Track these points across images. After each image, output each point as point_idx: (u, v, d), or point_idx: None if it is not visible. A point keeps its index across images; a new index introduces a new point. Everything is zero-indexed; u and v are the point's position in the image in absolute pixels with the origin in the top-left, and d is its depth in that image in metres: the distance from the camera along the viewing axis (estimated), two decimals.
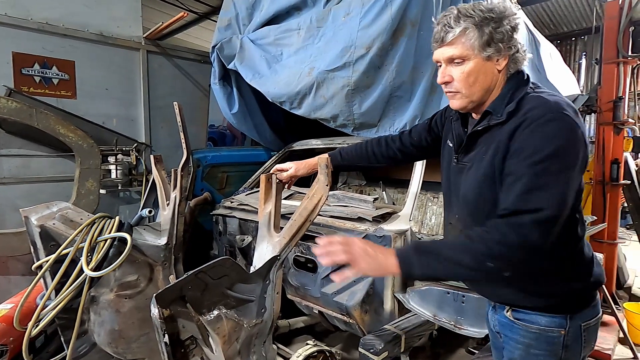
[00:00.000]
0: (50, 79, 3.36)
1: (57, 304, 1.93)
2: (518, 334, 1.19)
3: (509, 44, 1.10)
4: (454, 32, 1.09)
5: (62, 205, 2.20)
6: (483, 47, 1.08)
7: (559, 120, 1.02)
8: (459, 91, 1.15)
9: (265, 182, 1.81)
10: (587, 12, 7.78)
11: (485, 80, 1.12)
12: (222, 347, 1.39)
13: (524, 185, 1.00)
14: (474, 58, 1.10)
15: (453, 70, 1.13)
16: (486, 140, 1.15)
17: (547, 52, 3.91)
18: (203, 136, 4.57)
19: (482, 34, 1.08)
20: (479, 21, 1.08)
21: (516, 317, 1.19)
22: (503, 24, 1.08)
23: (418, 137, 1.57)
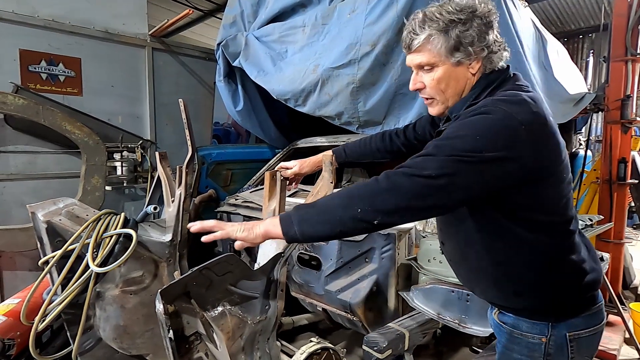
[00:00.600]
0: (57, 76, 3.37)
1: (63, 299, 1.95)
2: (503, 337, 1.17)
3: (480, 45, 1.04)
4: (419, 39, 1.06)
5: (68, 202, 2.22)
6: (451, 53, 1.04)
7: (488, 113, 0.97)
8: (433, 97, 1.13)
9: (269, 179, 1.81)
10: (595, 10, 7.70)
11: (457, 86, 1.09)
12: (226, 343, 1.39)
13: (419, 154, 0.99)
14: (442, 64, 1.06)
15: (424, 76, 1.11)
16: None
17: (554, 50, 3.87)
18: (208, 133, 4.58)
19: (447, 38, 1.03)
20: (444, 26, 1.03)
21: (501, 320, 1.18)
22: (473, 25, 1.03)
23: (422, 131, 1.56)
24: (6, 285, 3.19)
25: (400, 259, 2.25)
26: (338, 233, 1.02)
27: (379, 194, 0.97)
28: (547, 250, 1.07)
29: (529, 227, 1.04)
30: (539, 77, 3.33)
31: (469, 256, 1.18)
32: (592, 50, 8.68)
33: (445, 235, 1.29)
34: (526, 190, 1.00)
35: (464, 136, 0.96)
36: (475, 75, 1.09)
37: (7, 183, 3.19)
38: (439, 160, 0.95)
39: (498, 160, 0.94)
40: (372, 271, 2.28)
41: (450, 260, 1.31)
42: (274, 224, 1.07)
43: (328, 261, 2.38)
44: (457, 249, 1.24)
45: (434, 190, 0.95)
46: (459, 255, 1.24)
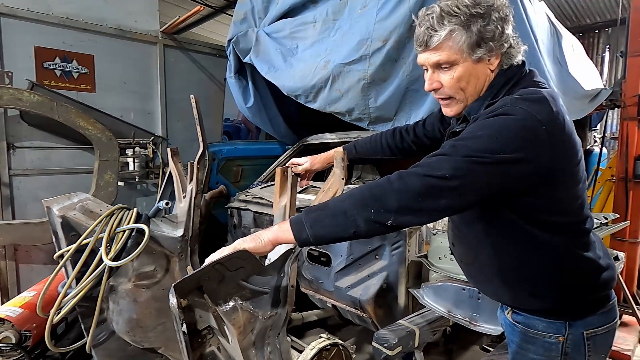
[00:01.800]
0: (71, 73, 3.42)
1: (77, 293, 1.99)
2: (517, 337, 1.16)
3: (501, 40, 1.01)
4: (439, 36, 0.99)
5: (82, 197, 2.25)
6: (472, 49, 0.99)
7: (507, 114, 0.94)
8: (452, 97, 1.08)
9: (280, 175, 1.81)
10: (611, 4, 7.52)
11: (477, 83, 1.05)
12: (237, 338, 1.40)
13: (434, 154, 0.98)
14: (463, 62, 1.01)
15: (442, 75, 1.05)
16: None
17: (569, 45, 3.80)
18: (218, 130, 4.61)
19: (470, 34, 0.98)
20: (466, 20, 0.97)
21: (515, 320, 1.16)
22: (492, 18, 0.98)
23: (431, 128, 1.54)
24: (22, 278, 3.26)
25: (410, 256, 2.24)
26: (352, 235, 1.00)
27: (392, 194, 0.95)
28: (563, 250, 1.05)
29: (545, 228, 1.03)
30: (554, 72, 3.27)
31: (482, 258, 1.16)
32: (609, 45, 8.49)
33: (456, 237, 1.27)
34: (542, 191, 0.98)
35: (481, 136, 0.94)
36: (494, 72, 1.06)
37: (22, 178, 3.25)
38: (454, 160, 0.93)
39: (515, 161, 0.92)
40: (382, 268, 2.27)
41: (460, 261, 1.29)
42: (284, 229, 1.05)
43: (338, 257, 2.38)
44: (468, 251, 1.22)
45: (447, 191, 0.93)
46: (471, 256, 1.22)
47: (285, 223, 1.06)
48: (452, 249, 1.33)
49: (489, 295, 1.26)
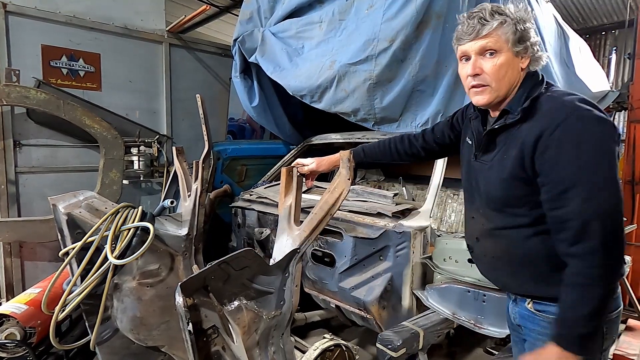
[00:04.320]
0: (77, 71, 3.44)
1: (82, 290, 1.99)
2: (540, 326, 1.20)
3: (535, 44, 1.15)
4: (491, 25, 1.11)
5: (87, 194, 2.26)
6: (515, 43, 1.11)
7: (582, 118, 1.04)
8: (488, 84, 1.14)
9: (286, 175, 1.81)
10: (618, 5, 7.47)
11: (512, 76, 1.14)
12: (242, 338, 1.40)
13: (581, 191, 1.02)
14: (506, 52, 1.12)
15: (484, 62, 1.13)
16: (505, 140, 1.17)
17: (576, 47, 3.78)
18: (223, 129, 4.62)
19: (516, 30, 1.11)
20: (514, 19, 1.11)
21: (537, 309, 1.20)
22: (529, 25, 1.13)
23: (441, 134, 1.58)
24: (27, 275, 3.28)
25: (415, 257, 2.23)
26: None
27: (613, 265, 1.04)
28: None
29: None
30: (561, 74, 3.26)
31: (518, 250, 1.20)
32: (615, 47, 8.42)
33: (484, 231, 1.28)
34: None
35: (593, 151, 1.03)
36: (523, 71, 1.16)
37: (29, 175, 3.27)
38: (606, 190, 1.02)
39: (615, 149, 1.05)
40: (387, 269, 2.27)
41: (484, 255, 1.31)
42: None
43: (342, 258, 2.37)
44: (501, 243, 1.24)
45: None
46: (503, 248, 1.24)
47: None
48: (475, 244, 1.34)
49: (512, 288, 1.28)
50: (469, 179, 1.33)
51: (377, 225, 2.27)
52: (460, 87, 2.56)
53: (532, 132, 1.08)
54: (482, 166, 1.24)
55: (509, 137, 1.15)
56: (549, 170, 1.06)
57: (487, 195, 1.23)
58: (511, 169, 1.13)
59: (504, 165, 1.15)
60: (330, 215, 1.71)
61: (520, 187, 1.13)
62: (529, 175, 1.11)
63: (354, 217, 2.39)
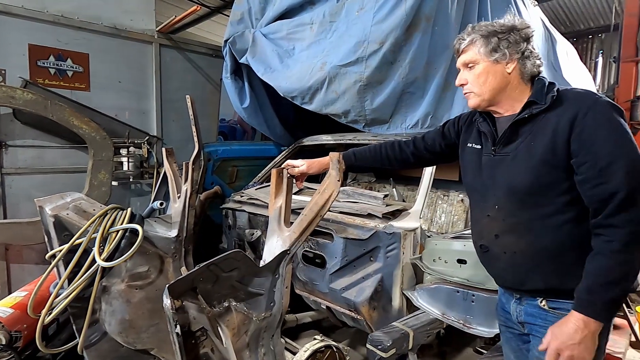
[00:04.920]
0: (65, 71, 3.39)
1: (69, 293, 1.97)
2: (553, 323, 1.21)
3: (515, 49, 1.25)
4: (465, 42, 1.31)
5: (75, 196, 2.24)
6: (490, 53, 1.26)
7: (609, 104, 1.16)
8: (471, 91, 1.32)
9: (276, 177, 1.80)
10: (605, 9, 7.61)
11: (494, 81, 1.27)
12: (231, 340, 1.40)
13: (624, 164, 1.09)
14: (483, 62, 1.28)
15: (467, 74, 1.33)
16: (530, 129, 1.23)
17: (563, 50, 3.84)
18: (214, 130, 4.59)
19: (488, 42, 1.27)
20: (486, 34, 1.27)
21: (551, 307, 1.24)
22: (510, 34, 1.25)
23: (432, 142, 1.64)
24: (13, 278, 3.22)
25: (405, 258, 2.24)
26: None
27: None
28: None
29: None
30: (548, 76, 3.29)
31: (543, 242, 1.22)
32: (602, 50, 8.58)
33: (506, 227, 1.29)
34: None
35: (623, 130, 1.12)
36: (512, 75, 1.27)
37: (15, 177, 3.22)
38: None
39: None
40: (377, 270, 2.28)
41: (505, 253, 1.31)
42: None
43: (333, 259, 2.38)
44: (525, 237, 1.26)
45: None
46: (527, 242, 1.26)
47: (591, 323, 1.10)
48: (493, 242, 1.33)
49: (530, 284, 1.29)
50: (481, 178, 1.36)
51: (367, 226, 2.28)
52: (449, 89, 2.59)
53: (565, 116, 1.16)
54: (503, 159, 1.28)
55: (534, 125, 1.22)
56: (588, 149, 1.12)
57: (509, 187, 1.25)
58: (542, 154, 1.18)
59: (532, 152, 1.20)
60: (320, 217, 1.72)
61: (549, 173, 1.18)
62: (559, 159, 1.16)
63: (344, 218, 2.40)
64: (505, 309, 1.41)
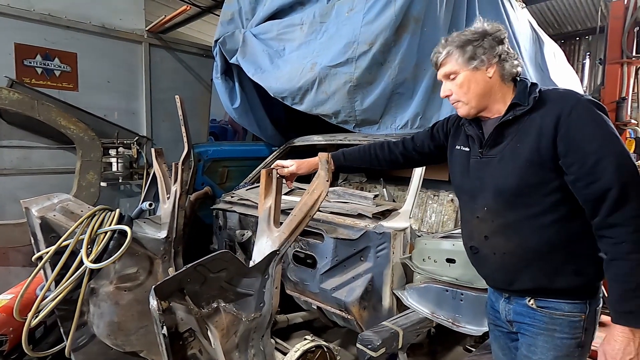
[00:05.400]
0: (52, 71, 3.35)
1: (56, 295, 1.94)
2: (541, 322, 1.26)
3: (492, 53, 1.26)
4: (442, 55, 1.32)
5: (62, 197, 2.21)
6: (467, 62, 1.27)
7: (591, 103, 1.17)
8: (459, 100, 1.32)
9: (265, 177, 1.81)
10: (591, 12, 7.73)
11: (477, 87, 1.28)
12: (220, 341, 1.39)
13: (612, 160, 1.10)
14: (462, 71, 1.29)
15: (450, 85, 1.33)
16: (516, 131, 1.25)
17: (550, 52, 3.89)
18: (204, 130, 4.57)
19: (464, 52, 1.27)
20: (460, 44, 1.28)
21: (539, 306, 1.26)
22: (484, 41, 1.26)
23: (421, 143, 1.67)
24: None
25: (395, 258, 2.25)
26: None
27: None
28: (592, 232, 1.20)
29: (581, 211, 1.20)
30: (535, 78, 3.35)
31: (532, 242, 1.24)
32: (589, 52, 8.72)
33: (495, 228, 1.30)
34: None
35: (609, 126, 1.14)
36: (494, 79, 1.28)
37: (1, 178, 3.17)
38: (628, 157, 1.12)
39: None
40: (367, 270, 2.29)
41: (494, 254, 1.32)
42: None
43: (323, 259, 2.38)
44: (514, 238, 1.27)
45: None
46: (516, 243, 1.27)
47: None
48: (482, 243, 1.35)
49: (517, 284, 1.30)
50: (470, 180, 1.37)
51: (357, 226, 2.29)
52: (437, 90, 2.61)
53: (549, 117, 1.18)
54: (490, 161, 1.30)
55: (519, 127, 1.24)
56: (576, 149, 1.13)
57: (497, 188, 1.27)
58: (527, 155, 1.20)
59: (517, 154, 1.22)
60: (309, 217, 1.72)
61: (535, 174, 1.19)
62: (544, 160, 1.17)
63: (334, 219, 2.41)
64: (494, 307, 1.43)
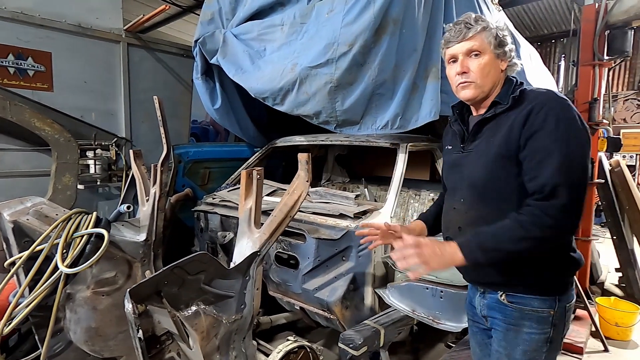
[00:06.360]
0: (26, 71, 3.25)
1: (30, 302, 1.89)
2: (511, 317, 1.29)
3: (511, 50, 1.30)
4: (475, 29, 1.26)
5: (36, 201, 2.15)
6: (496, 47, 1.27)
7: (563, 104, 1.19)
8: (473, 81, 1.29)
9: (246, 178, 1.80)
10: (566, 15, 7.97)
11: (494, 75, 1.28)
12: (200, 343, 1.38)
13: (554, 161, 1.13)
14: (489, 53, 1.27)
15: (471, 62, 1.28)
16: (492, 128, 1.28)
17: (526, 54, 3.99)
18: (186, 131, 4.51)
19: (496, 35, 1.27)
20: (494, 27, 1.28)
21: (510, 301, 1.29)
22: (506, 34, 1.29)
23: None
24: None
25: (376, 257, 2.28)
26: None
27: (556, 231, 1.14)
28: None
29: None
30: None
31: None
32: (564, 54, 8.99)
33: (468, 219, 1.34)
34: None
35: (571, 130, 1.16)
36: (502, 73, 1.31)
37: None
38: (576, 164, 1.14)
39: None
40: (349, 269, 2.30)
41: None
42: None
43: (305, 260, 2.39)
44: None
45: None
46: None
47: (458, 252, 1.18)
48: (456, 234, 1.37)
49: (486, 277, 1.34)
50: (452, 174, 1.42)
51: (339, 226, 2.31)
52: (416, 91, 2.65)
53: (522, 114, 1.21)
54: (468, 155, 1.34)
55: (496, 124, 1.27)
56: (531, 143, 1.17)
57: (471, 180, 1.31)
58: (497, 148, 1.23)
59: (489, 147, 1.26)
60: (290, 217, 1.72)
61: (503, 167, 1.23)
62: (511, 154, 1.21)
63: (316, 219, 2.41)
64: (472, 303, 1.46)
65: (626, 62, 8.28)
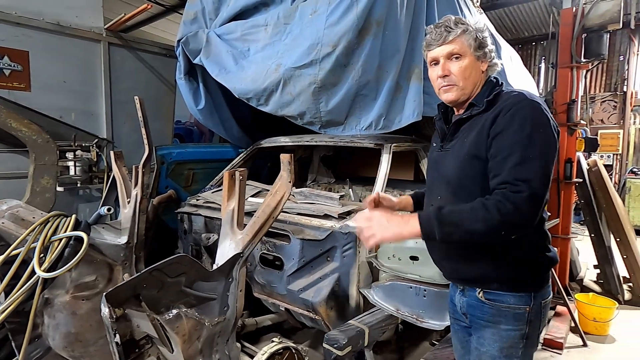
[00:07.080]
0: (1, 70, 3.16)
1: (5, 308, 1.84)
2: (488, 313, 1.31)
3: (491, 51, 1.32)
4: (455, 32, 1.28)
5: (12, 204, 2.10)
6: (476, 49, 1.29)
7: (531, 106, 1.21)
8: (455, 84, 1.32)
9: (228, 179, 1.79)
10: (546, 19, 8.17)
11: (475, 76, 1.31)
12: (181, 347, 1.36)
13: (516, 159, 1.15)
14: (469, 56, 1.29)
15: (452, 65, 1.31)
16: (467, 128, 1.32)
17: (507, 56, 4.07)
18: (169, 132, 4.45)
19: (476, 38, 1.29)
20: (474, 29, 1.29)
21: (487, 298, 1.32)
22: (486, 35, 1.31)
23: None
24: None
25: (361, 257, 2.29)
26: None
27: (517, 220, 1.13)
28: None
29: None
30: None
31: None
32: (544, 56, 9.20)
33: None
34: None
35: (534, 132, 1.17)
36: (483, 74, 1.34)
37: None
38: (537, 166, 1.15)
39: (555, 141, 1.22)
40: (334, 270, 2.30)
41: (442, 241, 1.35)
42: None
43: (290, 261, 2.38)
44: None
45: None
46: None
47: (414, 221, 1.19)
48: None
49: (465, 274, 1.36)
50: (433, 172, 1.46)
51: (323, 226, 2.31)
52: (400, 92, 2.67)
53: (493, 114, 1.24)
54: (446, 153, 1.37)
55: (471, 125, 1.30)
56: (496, 142, 1.20)
57: (446, 178, 1.35)
58: (468, 147, 1.27)
59: (462, 147, 1.29)
60: (273, 218, 1.72)
61: (473, 166, 1.26)
62: (481, 153, 1.23)
63: (301, 220, 2.41)
64: (453, 301, 1.48)
65: (603, 65, 8.51)
